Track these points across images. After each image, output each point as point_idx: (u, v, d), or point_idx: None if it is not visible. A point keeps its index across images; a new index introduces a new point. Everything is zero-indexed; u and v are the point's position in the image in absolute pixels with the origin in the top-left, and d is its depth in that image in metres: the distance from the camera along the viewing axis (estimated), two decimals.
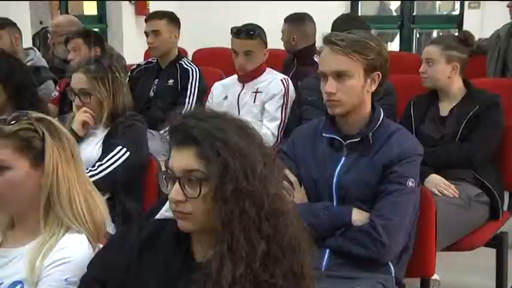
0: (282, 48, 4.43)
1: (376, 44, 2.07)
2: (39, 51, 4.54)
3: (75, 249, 1.57)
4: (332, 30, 3.44)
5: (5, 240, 1.66)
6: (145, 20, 4.01)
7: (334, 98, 2.05)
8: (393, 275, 2.02)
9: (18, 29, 4.29)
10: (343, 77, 2.03)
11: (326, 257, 2.02)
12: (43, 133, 1.62)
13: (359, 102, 2.07)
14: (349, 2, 6.50)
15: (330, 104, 2.08)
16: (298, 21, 4.31)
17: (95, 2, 7.05)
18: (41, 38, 5.31)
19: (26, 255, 1.59)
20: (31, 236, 1.63)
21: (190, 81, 3.77)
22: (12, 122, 1.61)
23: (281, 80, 3.53)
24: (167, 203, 1.86)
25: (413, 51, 6.30)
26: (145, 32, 3.95)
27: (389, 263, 2.02)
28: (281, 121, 3.45)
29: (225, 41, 4.27)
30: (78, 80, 2.65)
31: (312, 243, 1.43)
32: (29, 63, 4.03)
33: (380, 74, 2.07)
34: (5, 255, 1.62)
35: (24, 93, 2.83)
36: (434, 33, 6.85)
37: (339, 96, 2.04)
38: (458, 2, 6.14)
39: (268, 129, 3.38)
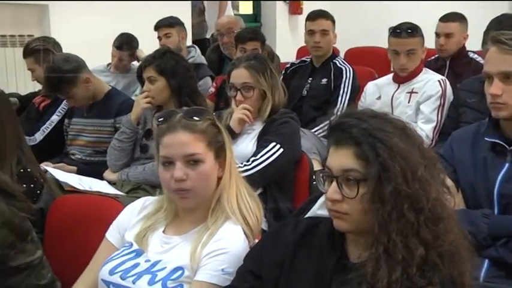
0: None
1: None
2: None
3: (232, 241, 1.63)
4: (486, 30, 3.26)
5: (168, 227, 1.75)
6: (311, 19, 4.00)
7: (499, 101, 1.94)
8: None
9: (185, 29, 4.55)
10: (511, 78, 1.91)
11: (485, 267, 1.92)
12: (221, 129, 1.73)
13: None
14: (509, 1, 6.11)
15: (494, 107, 1.97)
16: (465, 20, 4.18)
17: (251, 1, 7.25)
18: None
19: (188, 243, 1.67)
20: (193, 224, 1.72)
21: (343, 80, 3.76)
22: (196, 118, 1.69)
23: (438, 81, 3.40)
24: (319, 201, 1.87)
25: None
26: (309, 30, 3.96)
27: None
28: (437, 123, 3.32)
29: (376, 40, 4.22)
30: (240, 75, 2.71)
31: (473, 251, 1.37)
32: (190, 60, 4.25)
33: None
34: (168, 242, 1.71)
35: (186, 89, 2.98)
36: None
37: (504, 98, 1.93)
38: None
39: (422, 131, 3.26)
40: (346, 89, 3.73)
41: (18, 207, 1.83)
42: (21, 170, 2.26)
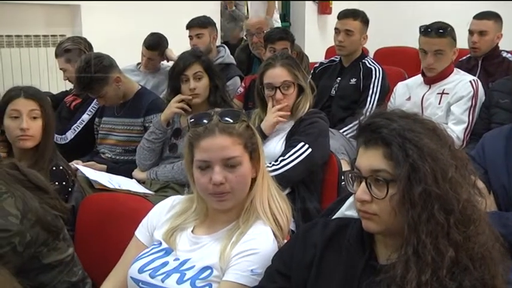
0: None
1: None
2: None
3: (261, 242, 1.62)
4: None
5: (197, 227, 1.76)
6: (339, 17, 3.97)
7: None
8: None
9: (217, 29, 4.57)
10: None
11: None
12: (254, 130, 1.73)
13: None
14: None
15: None
16: (499, 19, 4.11)
17: (280, 1, 7.25)
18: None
19: (217, 242, 1.67)
20: (223, 224, 1.72)
21: (373, 80, 3.72)
22: (232, 121, 1.68)
23: (470, 82, 3.35)
24: (347, 202, 1.86)
25: None
26: (335, 29, 3.94)
27: None
28: (468, 124, 3.28)
29: (406, 40, 4.17)
30: (279, 74, 2.71)
31: (505, 254, 1.34)
32: (219, 60, 4.27)
33: None
34: (197, 241, 1.71)
35: (217, 90, 3.00)
36: None
37: None
38: None
39: (453, 132, 3.22)
40: (375, 89, 3.70)
41: (51, 204, 1.85)
42: (54, 168, 2.30)
